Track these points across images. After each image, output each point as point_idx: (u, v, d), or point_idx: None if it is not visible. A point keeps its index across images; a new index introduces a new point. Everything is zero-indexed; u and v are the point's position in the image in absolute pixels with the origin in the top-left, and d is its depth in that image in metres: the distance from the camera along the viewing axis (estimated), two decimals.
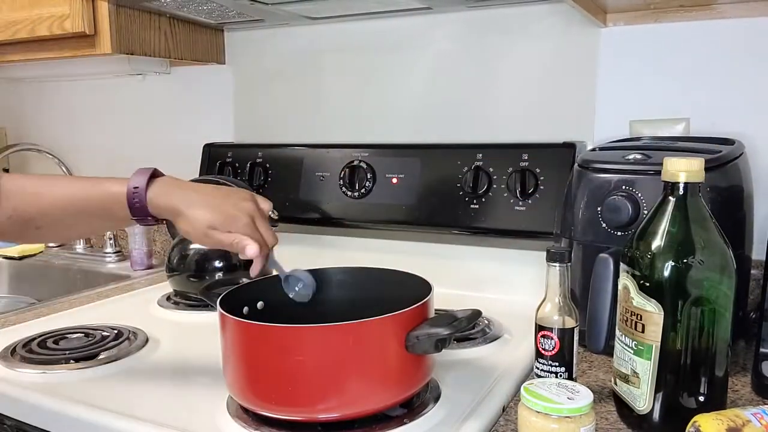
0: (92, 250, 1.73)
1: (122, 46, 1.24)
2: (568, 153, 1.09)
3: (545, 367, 0.77)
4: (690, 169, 0.66)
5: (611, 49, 1.12)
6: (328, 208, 1.29)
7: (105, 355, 0.94)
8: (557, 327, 0.76)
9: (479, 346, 0.95)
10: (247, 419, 0.73)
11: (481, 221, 1.14)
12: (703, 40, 1.06)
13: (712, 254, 0.66)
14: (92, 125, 1.73)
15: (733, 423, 0.59)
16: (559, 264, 0.76)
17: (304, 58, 1.40)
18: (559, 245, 0.83)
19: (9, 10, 1.29)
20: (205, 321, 1.11)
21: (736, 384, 0.81)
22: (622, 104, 1.12)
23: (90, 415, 0.76)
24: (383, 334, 0.68)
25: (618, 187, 0.87)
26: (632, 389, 0.69)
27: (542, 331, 0.77)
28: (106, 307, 1.23)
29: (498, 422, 0.73)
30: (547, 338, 0.76)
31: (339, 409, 0.68)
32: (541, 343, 0.77)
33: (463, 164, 1.16)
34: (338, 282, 0.89)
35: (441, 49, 1.27)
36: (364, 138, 1.34)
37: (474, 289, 1.21)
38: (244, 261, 1.24)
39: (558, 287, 0.76)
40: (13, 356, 0.94)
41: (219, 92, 1.52)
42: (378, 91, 1.34)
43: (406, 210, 1.21)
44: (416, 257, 1.24)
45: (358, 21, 1.32)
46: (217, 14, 1.28)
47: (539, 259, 1.13)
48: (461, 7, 1.22)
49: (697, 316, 0.65)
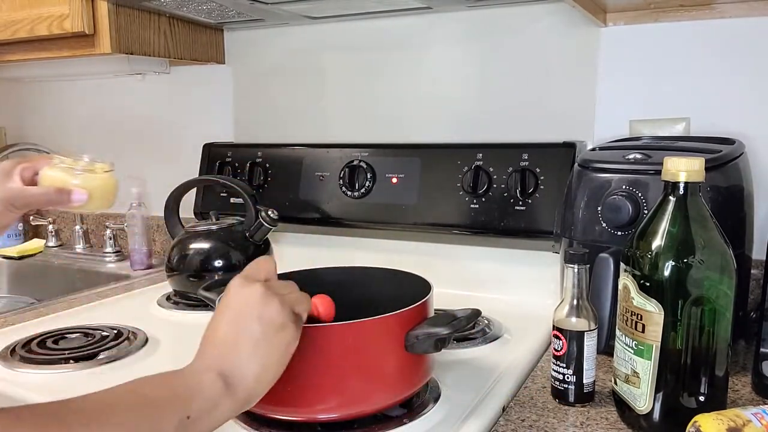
0: (92, 249, 1.73)
1: (122, 45, 1.24)
2: (568, 153, 1.09)
3: (554, 368, 0.77)
4: (690, 168, 0.66)
5: (611, 49, 1.12)
6: (327, 207, 1.29)
7: (105, 355, 0.94)
8: (566, 328, 0.76)
9: (479, 346, 0.95)
10: (247, 419, 0.72)
11: (481, 221, 1.14)
12: (703, 39, 1.06)
13: (713, 254, 0.65)
14: (92, 125, 1.73)
15: (733, 423, 0.59)
16: (576, 266, 0.76)
17: (304, 57, 1.40)
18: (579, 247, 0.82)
19: (8, 10, 1.28)
20: (205, 321, 1.09)
21: (737, 384, 0.81)
22: (622, 104, 1.12)
23: None
24: (383, 333, 0.68)
25: (618, 186, 0.87)
26: (632, 389, 0.69)
27: (553, 330, 0.77)
28: (105, 307, 1.23)
29: (498, 422, 0.73)
30: (557, 338, 0.76)
31: (339, 409, 0.68)
32: (553, 343, 0.77)
33: (463, 164, 1.16)
34: (338, 282, 0.89)
35: (441, 48, 1.26)
36: (364, 138, 1.34)
37: (474, 289, 1.21)
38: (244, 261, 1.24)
39: (574, 289, 0.76)
40: (12, 356, 0.94)
41: (219, 92, 1.52)
42: (378, 91, 1.34)
43: (406, 210, 1.21)
44: (416, 257, 1.25)
45: (357, 21, 1.32)
46: (217, 14, 1.27)
47: (539, 259, 1.15)
48: (461, 7, 1.22)
49: (697, 315, 0.65)
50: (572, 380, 0.75)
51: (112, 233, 1.65)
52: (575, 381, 0.75)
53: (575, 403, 0.76)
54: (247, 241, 1.21)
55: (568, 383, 0.76)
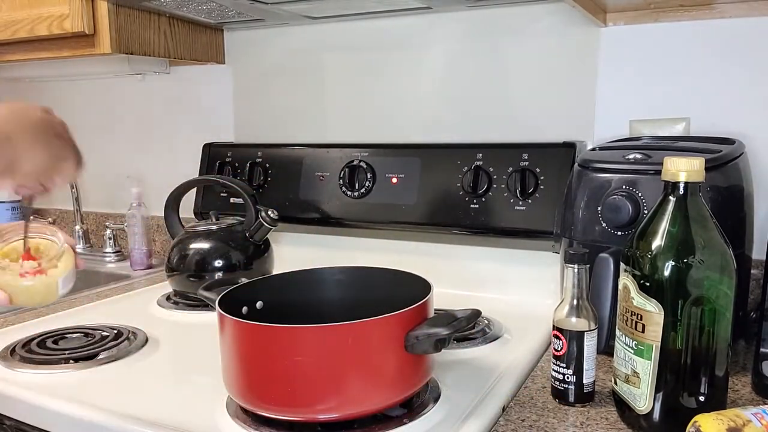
0: (92, 249, 1.73)
1: (122, 45, 1.24)
2: (568, 153, 1.09)
3: (554, 368, 0.77)
4: (690, 168, 0.66)
5: (611, 49, 1.12)
6: (327, 207, 1.29)
7: (104, 355, 0.94)
8: (566, 328, 0.76)
9: (479, 346, 0.95)
10: (247, 419, 0.72)
11: (481, 221, 1.14)
12: (704, 39, 1.06)
13: (713, 254, 0.65)
14: (92, 125, 1.73)
15: (733, 423, 0.59)
16: (576, 266, 0.76)
17: (304, 57, 1.40)
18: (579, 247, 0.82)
19: (8, 10, 1.28)
20: (204, 321, 1.11)
21: (737, 384, 0.81)
22: (622, 104, 1.12)
23: (90, 415, 0.76)
24: (383, 334, 0.68)
25: (618, 186, 0.87)
26: (632, 389, 0.69)
27: (553, 330, 0.77)
28: (105, 307, 1.23)
29: (498, 422, 0.73)
30: (556, 338, 0.76)
31: (338, 409, 0.68)
32: (553, 343, 0.77)
33: (463, 164, 1.16)
34: (338, 282, 0.89)
35: (441, 48, 1.26)
36: (364, 138, 1.34)
37: (474, 289, 1.21)
38: (244, 261, 1.24)
39: (574, 289, 0.76)
40: (12, 356, 0.94)
41: (219, 92, 1.52)
42: (378, 91, 1.34)
43: (406, 210, 1.21)
44: (416, 257, 1.25)
45: (357, 20, 1.32)
46: (217, 14, 1.27)
47: (539, 258, 1.15)
48: (461, 7, 1.22)
49: (697, 315, 0.65)
50: (572, 380, 0.75)
51: (112, 233, 1.65)
52: (575, 381, 0.75)
53: (575, 403, 0.76)
54: (247, 241, 1.21)
55: (568, 383, 0.76)
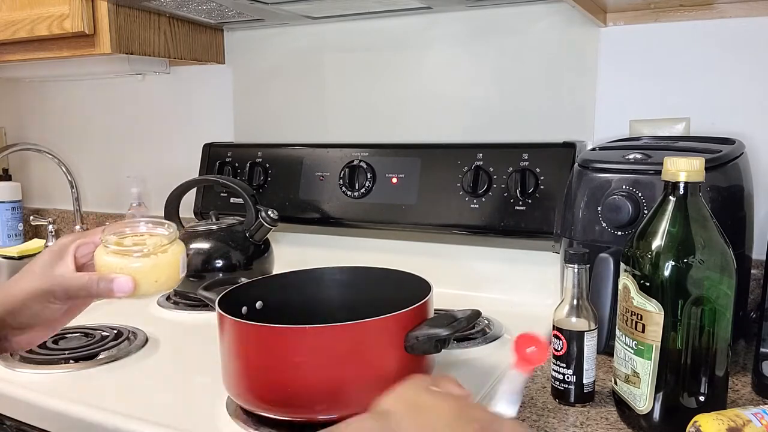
0: None
1: (122, 45, 1.24)
2: (568, 153, 1.09)
3: (554, 368, 0.77)
4: (690, 168, 0.66)
5: (611, 49, 1.12)
6: (327, 207, 1.29)
7: (104, 355, 0.94)
8: (566, 328, 0.76)
9: (479, 346, 0.95)
10: (247, 419, 0.72)
11: (481, 221, 1.14)
12: (703, 39, 1.06)
13: (713, 254, 0.65)
14: (92, 125, 1.73)
15: (733, 423, 0.59)
16: (576, 266, 0.76)
17: (304, 57, 1.40)
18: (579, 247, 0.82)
19: (8, 10, 1.28)
20: (205, 321, 1.11)
21: (737, 384, 0.81)
22: (622, 104, 1.12)
23: (90, 415, 0.76)
24: (383, 334, 0.68)
25: (618, 186, 0.87)
26: (632, 389, 0.69)
27: (553, 330, 0.77)
28: (105, 307, 1.23)
29: None
30: (556, 338, 0.76)
31: (338, 409, 0.68)
32: (552, 343, 0.77)
33: (463, 164, 1.16)
34: (338, 282, 0.89)
35: (441, 48, 1.26)
36: (364, 138, 1.34)
37: (474, 289, 1.21)
38: (244, 261, 1.24)
39: (574, 289, 0.76)
40: (12, 356, 0.93)
41: (219, 92, 1.52)
42: (378, 91, 1.34)
43: (406, 210, 1.21)
44: (416, 257, 1.24)
45: (357, 20, 1.32)
46: (217, 14, 1.27)
47: (539, 258, 1.15)
48: (461, 7, 1.22)
49: (697, 315, 0.65)
50: (572, 380, 0.75)
51: None
52: (575, 381, 0.75)
53: (575, 403, 0.76)
54: (247, 241, 1.21)
55: (568, 383, 0.76)
